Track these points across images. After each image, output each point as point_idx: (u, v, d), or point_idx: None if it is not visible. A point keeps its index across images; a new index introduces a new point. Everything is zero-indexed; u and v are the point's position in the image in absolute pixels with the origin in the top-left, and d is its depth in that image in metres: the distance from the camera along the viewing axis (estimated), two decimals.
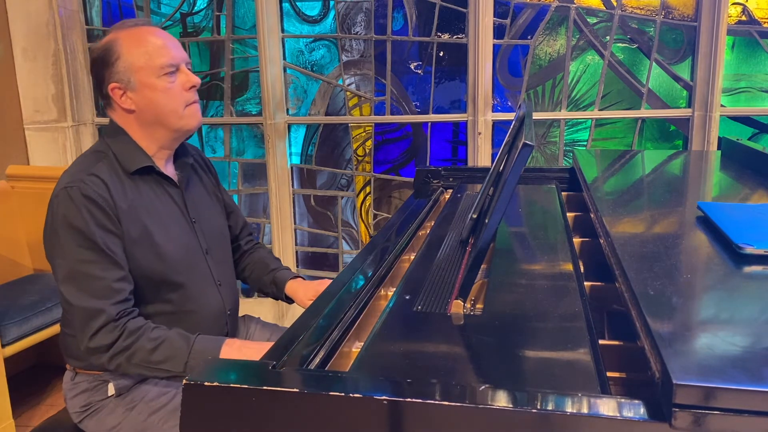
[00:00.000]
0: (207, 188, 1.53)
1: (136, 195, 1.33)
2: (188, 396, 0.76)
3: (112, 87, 1.31)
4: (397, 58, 2.88)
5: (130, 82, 1.30)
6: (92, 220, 1.25)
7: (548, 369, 0.81)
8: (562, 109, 2.79)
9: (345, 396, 0.71)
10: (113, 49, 1.30)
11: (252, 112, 3.00)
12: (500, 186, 0.99)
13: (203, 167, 1.56)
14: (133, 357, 1.25)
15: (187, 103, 1.35)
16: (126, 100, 1.32)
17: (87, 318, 1.24)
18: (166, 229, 1.36)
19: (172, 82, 1.32)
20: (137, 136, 1.36)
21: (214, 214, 1.52)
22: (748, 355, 0.66)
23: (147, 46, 1.31)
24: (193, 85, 1.35)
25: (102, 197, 1.27)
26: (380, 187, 3.02)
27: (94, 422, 1.35)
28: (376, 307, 1.10)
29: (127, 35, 1.31)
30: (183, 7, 2.96)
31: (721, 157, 1.83)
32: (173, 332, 1.28)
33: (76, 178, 1.28)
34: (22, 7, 2.84)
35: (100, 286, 1.24)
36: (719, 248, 0.98)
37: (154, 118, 1.33)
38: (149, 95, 1.31)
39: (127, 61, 1.30)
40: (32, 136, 2.96)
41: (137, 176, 1.35)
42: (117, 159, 1.34)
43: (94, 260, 1.25)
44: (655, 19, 2.66)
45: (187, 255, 1.39)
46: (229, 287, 1.50)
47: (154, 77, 1.31)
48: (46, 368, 2.75)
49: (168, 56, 1.32)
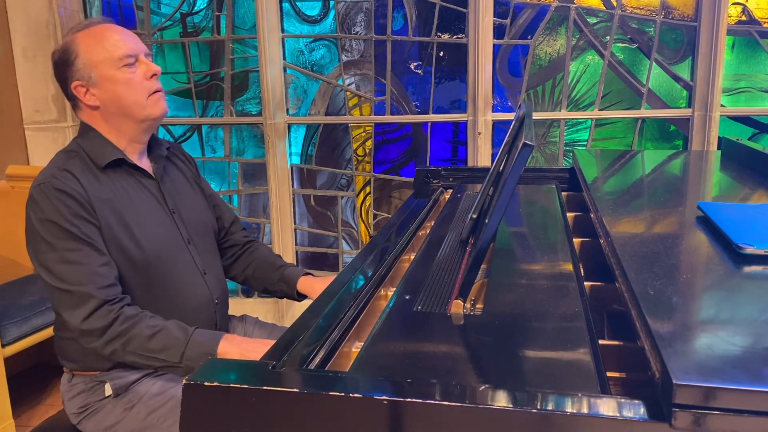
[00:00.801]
0: (187, 179, 1.54)
1: (111, 189, 1.34)
2: (188, 396, 0.76)
3: (75, 85, 1.33)
4: (397, 58, 2.88)
5: (91, 78, 1.32)
6: (67, 210, 1.25)
7: (548, 369, 0.81)
8: (562, 109, 2.79)
9: (345, 396, 0.71)
10: (71, 49, 1.32)
11: (252, 112, 3.01)
12: (500, 186, 0.99)
13: (182, 159, 1.56)
14: (129, 343, 1.24)
15: (149, 92, 1.36)
16: (90, 96, 1.34)
17: (76, 303, 1.24)
18: (144, 220, 1.36)
19: (133, 72, 1.34)
20: (105, 131, 1.37)
21: (195, 203, 1.52)
22: (748, 355, 0.66)
23: (104, 41, 1.32)
24: (153, 73, 1.36)
25: (74, 189, 1.28)
26: (380, 187, 3.02)
27: (92, 423, 1.35)
28: (376, 307, 1.10)
29: (83, 34, 1.33)
30: (183, 7, 2.96)
31: (721, 157, 1.83)
32: (171, 322, 1.28)
33: (47, 174, 1.29)
34: (22, 7, 2.84)
35: (84, 271, 1.24)
36: (719, 248, 0.98)
37: (119, 110, 1.35)
38: (111, 88, 1.33)
39: (85, 58, 1.31)
40: (32, 136, 2.96)
41: (111, 171, 1.36)
42: (88, 156, 1.35)
43: (74, 248, 1.25)
44: (655, 19, 2.66)
45: (168, 245, 1.39)
46: (215, 276, 1.50)
47: (113, 69, 1.32)
48: (46, 368, 2.75)
49: (125, 47, 1.33)
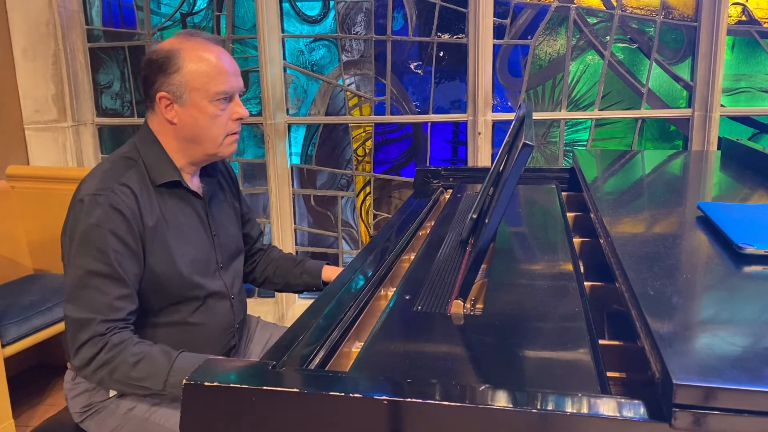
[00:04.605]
0: (228, 201, 1.52)
1: (162, 208, 1.31)
2: (188, 396, 0.76)
3: (160, 96, 1.28)
4: (397, 58, 2.87)
5: (182, 98, 1.27)
6: (113, 233, 1.22)
7: (548, 369, 0.81)
8: (562, 109, 2.79)
9: (345, 396, 0.71)
10: (174, 60, 1.26)
11: (252, 112, 3.00)
12: (500, 186, 0.99)
13: (227, 179, 1.54)
14: (114, 372, 1.21)
15: (229, 133, 1.33)
16: (171, 111, 1.29)
17: (77, 328, 1.22)
18: (187, 243, 1.34)
19: (223, 110, 1.30)
20: (170, 147, 1.33)
21: (233, 227, 1.51)
22: (748, 355, 0.66)
23: (209, 68, 1.27)
24: (240, 117, 1.33)
25: (130, 210, 1.24)
26: (380, 187, 3.02)
27: (95, 422, 1.35)
28: (376, 307, 1.10)
29: (193, 48, 1.28)
30: (183, 7, 2.96)
31: (721, 157, 1.83)
32: (156, 348, 1.23)
33: (107, 186, 1.24)
34: (22, 7, 2.84)
35: (99, 299, 1.21)
36: (719, 248, 0.98)
37: (193, 137, 1.31)
38: (196, 116, 1.28)
39: (185, 77, 1.26)
40: (32, 136, 2.96)
41: (163, 188, 1.33)
42: (147, 169, 1.31)
43: (103, 273, 1.22)
44: (655, 19, 2.66)
45: (204, 271, 1.38)
46: (241, 301, 1.50)
47: (206, 100, 1.28)
48: (46, 368, 2.75)
49: (226, 84, 1.29)
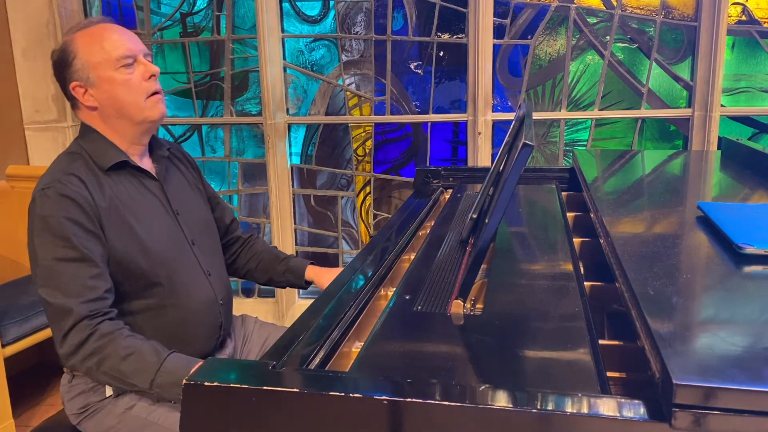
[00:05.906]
0: (188, 180, 1.53)
1: (116, 191, 1.33)
2: (188, 396, 0.76)
3: (73, 86, 1.32)
4: (397, 58, 2.87)
5: (90, 79, 1.31)
6: (68, 218, 1.24)
7: (548, 369, 0.81)
8: (562, 109, 2.79)
9: (345, 396, 0.71)
10: (69, 49, 1.31)
11: (252, 112, 3.00)
12: (500, 186, 0.99)
13: (182, 161, 1.55)
14: (102, 363, 1.21)
15: (147, 93, 1.35)
16: (88, 97, 1.32)
17: (59, 317, 1.22)
18: (149, 222, 1.36)
19: (131, 73, 1.32)
20: (107, 133, 1.36)
21: (197, 205, 1.52)
22: (748, 355, 0.66)
23: (102, 41, 1.31)
24: (152, 74, 1.35)
25: (80, 195, 1.26)
26: (380, 187, 3.02)
27: (93, 423, 1.35)
28: (376, 307, 1.10)
29: (82, 34, 1.32)
30: (183, 7, 2.96)
31: (721, 157, 1.83)
32: (147, 345, 1.23)
33: (53, 178, 1.27)
34: (22, 7, 2.84)
35: (73, 283, 1.22)
36: (719, 248, 0.98)
37: (117, 112, 1.34)
38: (109, 89, 1.32)
39: (83, 58, 1.30)
40: (32, 136, 2.96)
41: (114, 173, 1.34)
42: (91, 157, 1.34)
43: (69, 258, 1.23)
44: (655, 19, 2.66)
45: (173, 247, 1.39)
46: (219, 277, 1.50)
47: (112, 70, 1.31)
48: (46, 368, 2.75)
49: (124, 48, 1.32)
